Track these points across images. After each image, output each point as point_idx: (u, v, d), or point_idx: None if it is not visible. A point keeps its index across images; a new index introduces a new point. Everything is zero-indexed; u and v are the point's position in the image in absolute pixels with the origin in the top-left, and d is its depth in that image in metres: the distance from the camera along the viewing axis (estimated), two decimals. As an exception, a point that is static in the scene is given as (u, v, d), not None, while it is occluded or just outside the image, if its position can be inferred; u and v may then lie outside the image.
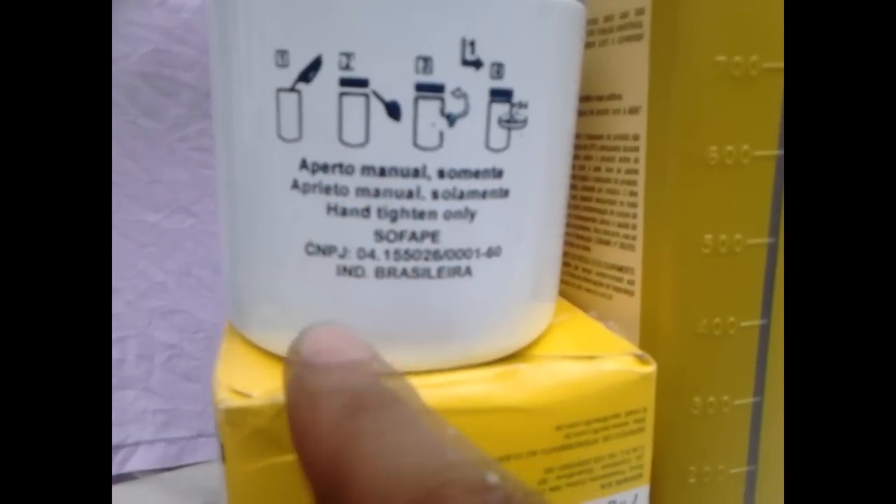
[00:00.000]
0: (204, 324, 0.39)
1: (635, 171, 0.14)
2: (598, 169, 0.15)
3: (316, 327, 0.10)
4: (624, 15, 0.14)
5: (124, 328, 0.38)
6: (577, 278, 0.16)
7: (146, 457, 0.39)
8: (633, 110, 0.14)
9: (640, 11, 0.13)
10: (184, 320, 0.40)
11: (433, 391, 0.12)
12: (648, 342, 0.14)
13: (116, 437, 0.38)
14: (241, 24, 0.11)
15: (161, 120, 0.36)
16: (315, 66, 0.10)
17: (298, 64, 0.10)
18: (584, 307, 0.16)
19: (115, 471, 0.38)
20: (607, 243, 0.15)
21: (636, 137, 0.14)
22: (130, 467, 0.38)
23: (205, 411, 0.41)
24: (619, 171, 0.14)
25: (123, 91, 0.35)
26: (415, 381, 0.12)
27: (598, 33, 0.14)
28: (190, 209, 0.38)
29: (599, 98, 0.15)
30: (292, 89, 0.11)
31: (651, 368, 0.12)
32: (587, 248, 0.16)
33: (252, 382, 0.11)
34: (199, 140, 0.37)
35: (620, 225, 0.15)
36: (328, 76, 0.10)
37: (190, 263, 0.39)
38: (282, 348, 0.12)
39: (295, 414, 0.09)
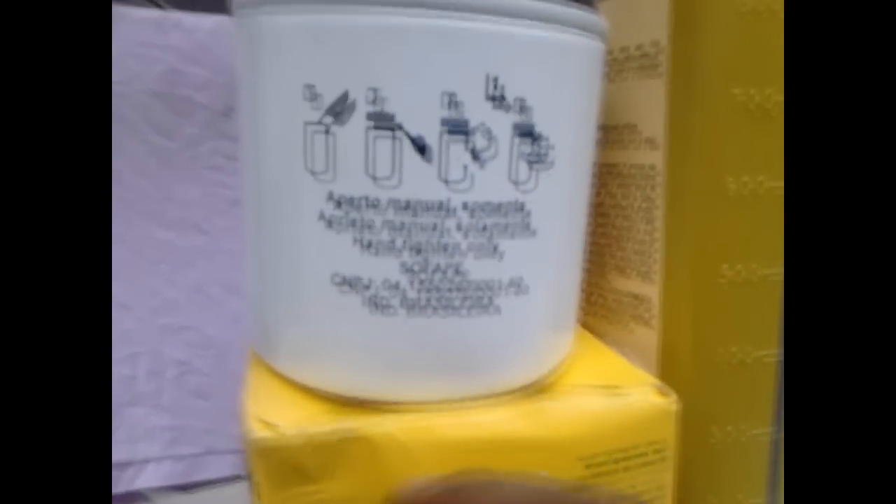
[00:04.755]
0: (214, 341, 0.40)
1: (652, 201, 0.14)
2: (614, 197, 0.15)
3: None
4: (639, 47, 0.14)
5: (135, 345, 0.38)
6: (593, 305, 0.16)
7: (155, 474, 0.39)
8: (650, 141, 0.14)
9: (655, 44, 0.14)
10: (194, 337, 0.40)
11: (461, 426, 0.12)
12: (666, 371, 0.14)
13: (126, 454, 0.38)
14: (270, 60, 0.11)
15: (174, 139, 0.37)
16: (343, 101, 0.11)
17: (327, 99, 0.11)
18: (601, 334, 0.16)
19: (124, 488, 0.38)
20: (624, 272, 0.15)
21: (653, 168, 0.14)
22: (140, 484, 0.38)
23: (214, 428, 0.41)
24: (635, 199, 0.15)
25: (138, 110, 0.35)
26: (443, 415, 0.12)
27: (613, 64, 0.15)
28: (201, 226, 0.38)
29: (615, 128, 0.15)
30: (320, 123, 0.11)
31: (672, 401, 0.12)
32: (604, 276, 0.16)
33: (280, 413, 0.12)
34: (212, 159, 0.38)
35: (637, 253, 0.15)
36: (356, 112, 0.11)
37: (201, 280, 0.39)
38: (308, 378, 0.13)
39: None
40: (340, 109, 0.11)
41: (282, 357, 0.13)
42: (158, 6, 0.36)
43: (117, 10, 0.32)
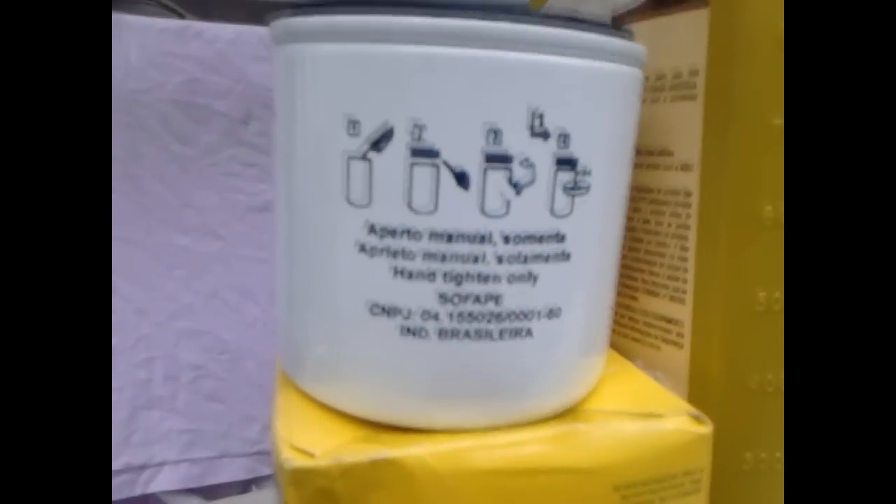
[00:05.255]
0: (229, 345, 0.40)
1: (687, 227, 0.14)
2: (647, 221, 0.15)
3: None
4: (677, 75, 0.14)
5: (152, 349, 0.39)
6: (623, 326, 0.16)
7: (171, 477, 0.39)
8: (686, 167, 0.14)
9: (693, 72, 0.14)
10: (210, 341, 0.40)
11: (494, 452, 0.12)
12: (698, 396, 0.14)
13: (142, 458, 0.39)
14: (311, 93, 0.11)
15: (193, 146, 0.37)
16: (387, 136, 0.11)
17: (370, 133, 0.11)
18: (630, 355, 0.16)
19: (140, 491, 0.38)
20: (656, 294, 0.15)
21: (688, 194, 0.14)
22: (155, 487, 0.39)
23: (228, 432, 0.41)
24: (669, 224, 0.15)
25: (158, 118, 0.36)
26: (476, 441, 0.12)
27: (649, 90, 0.15)
28: (218, 233, 0.39)
29: (650, 153, 0.15)
30: (363, 157, 0.11)
31: (708, 429, 0.12)
32: (634, 298, 0.16)
33: (314, 440, 0.12)
34: (229, 166, 0.38)
35: (670, 277, 0.15)
36: (399, 146, 0.11)
37: (217, 286, 0.39)
38: (340, 402, 0.13)
39: None
40: (382, 142, 0.11)
41: (313, 379, 0.13)
42: (180, 16, 0.36)
43: (140, 21, 0.33)
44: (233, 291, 0.39)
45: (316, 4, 0.11)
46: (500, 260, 0.11)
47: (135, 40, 0.33)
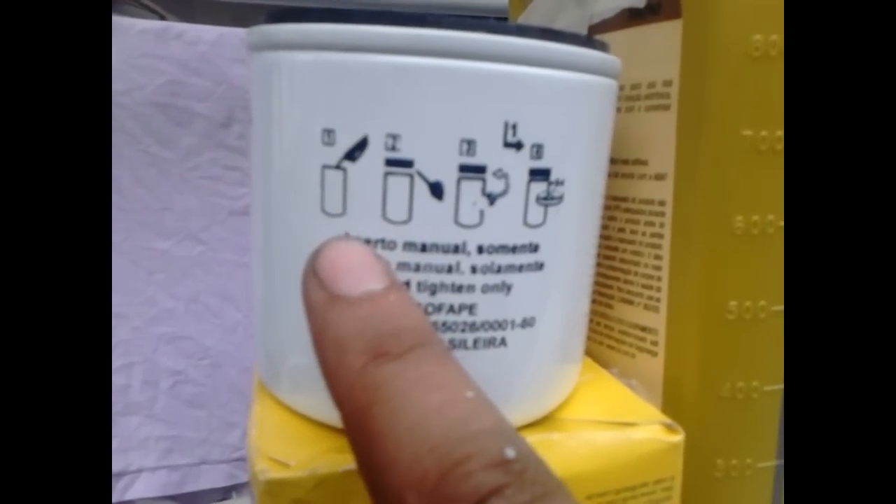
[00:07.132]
0: (210, 351, 0.39)
1: (660, 236, 0.14)
2: (622, 230, 0.15)
3: (334, 242, 0.10)
4: (651, 85, 0.14)
5: (131, 354, 0.38)
6: (599, 334, 0.17)
7: (149, 484, 0.38)
8: (660, 177, 0.14)
9: (667, 83, 0.14)
10: (190, 347, 0.40)
11: (469, 462, 0.12)
12: (672, 403, 0.15)
13: (119, 465, 0.38)
14: (287, 102, 0.11)
15: (174, 149, 0.36)
16: (361, 146, 0.11)
17: (345, 143, 0.11)
18: (605, 363, 0.16)
19: (117, 498, 0.38)
20: (631, 303, 0.15)
21: (662, 203, 0.14)
22: (132, 495, 0.38)
23: (208, 438, 0.40)
24: (643, 233, 0.15)
25: (138, 121, 0.35)
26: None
27: (624, 100, 0.15)
28: (199, 237, 0.38)
29: (624, 162, 0.15)
30: (338, 167, 0.11)
31: (680, 438, 0.13)
32: (609, 306, 0.16)
33: (289, 450, 0.12)
34: (210, 169, 0.38)
35: (644, 286, 0.15)
36: (374, 156, 0.11)
37: (198, 290, 0.39)
38: (316, 412, 0.13)
39: (322, 351, 0.09)
40: (357, 151, 0.11)
41: (288, 390, 0.13)
42: (161, 17, 0.36)
43: (120, 22, 0.32)
44: (214, 296, 0.39)
45: (294, 13, 0.11)
46: (474, 270, 0.11)
47: (114, 41, 0.33)
